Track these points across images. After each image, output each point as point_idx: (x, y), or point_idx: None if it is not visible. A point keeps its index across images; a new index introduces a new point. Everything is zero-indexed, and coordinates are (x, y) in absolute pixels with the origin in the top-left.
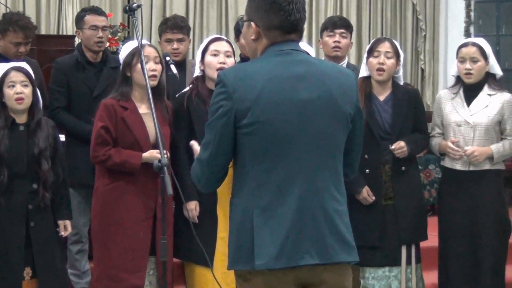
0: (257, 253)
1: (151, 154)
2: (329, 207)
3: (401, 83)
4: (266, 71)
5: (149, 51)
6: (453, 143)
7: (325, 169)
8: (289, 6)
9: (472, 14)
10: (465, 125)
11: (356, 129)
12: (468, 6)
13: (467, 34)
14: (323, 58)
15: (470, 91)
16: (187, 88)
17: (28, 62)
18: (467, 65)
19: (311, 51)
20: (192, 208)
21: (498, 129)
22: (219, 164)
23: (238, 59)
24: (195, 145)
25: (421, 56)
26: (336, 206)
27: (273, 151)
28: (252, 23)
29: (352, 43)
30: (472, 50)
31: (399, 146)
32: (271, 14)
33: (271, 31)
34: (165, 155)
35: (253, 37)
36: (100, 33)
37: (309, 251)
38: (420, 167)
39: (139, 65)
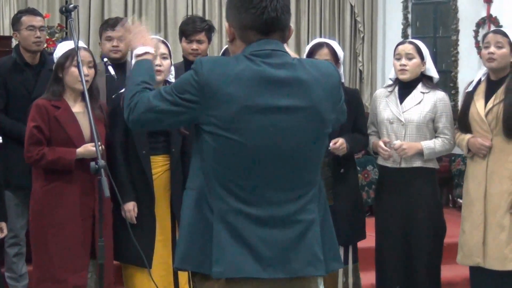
0: (216, 259)
1: (86, 149)
2: (298, 217)
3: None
4: (243, 71)
5: (83, 55)
6: (384, 143)
7: (298, 180)
8: (262, 4)
9: (409, 16)
10: (397, 122)
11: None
12: (405, 8)
13: (404, 35)
14: None
15: (404, 89)
16: (123, 89)
17: None
18: (402, 61)
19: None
20: (130, 209)
21: (431, 127)
22: (156, 122)
23: (181, 59)
24: None
25: (359, 58)
26: (305, 216)
27: (243, 159)
28: (227, 24)
29: (287, 45)
30: (408, 47)
31: (339, 144)
32: (242, 13)
33: (245, 31)
34: (100, 147)
35: (228, 38)
36: (38, 33)
37: (273, 264)
38: (358, 168)
39: (72, 69)
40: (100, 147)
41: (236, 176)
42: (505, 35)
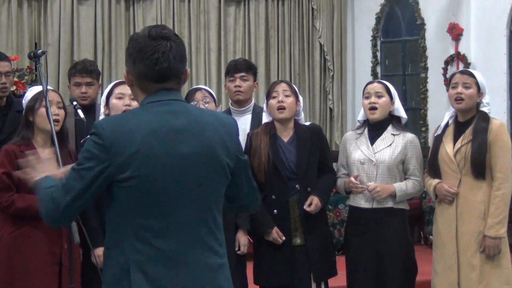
0: None
1: None
2: (208, 260)
3: (304, 124)
4: (144, 124)
5: (52, 96)
6: (355, 178)
7: (204, 223)
8: (154, 55)
9: (378, 54)
10: (368, 163)
11: (241, 178)
12: (374, 46)
13: (374, 74)
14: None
15: (374, 130)
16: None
17: None
18: (372, 99)
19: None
20: (100, 254)
21: (401, 168)
22: (75, 210)
23: None
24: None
25: (329, 96)
26: (215, 260)
27: (152, 206)
28: (124, 70)
29: (257, 84)
30: (377, 86)
31: (313, 206)
32: (137, 63)
33: (140, 79)
34: None
35: (128, 84)
36: (3, 79)
37: None
38: (330, 207)
39: (41, 110)
40: None
41: (148, 222)
42: (472, 75)
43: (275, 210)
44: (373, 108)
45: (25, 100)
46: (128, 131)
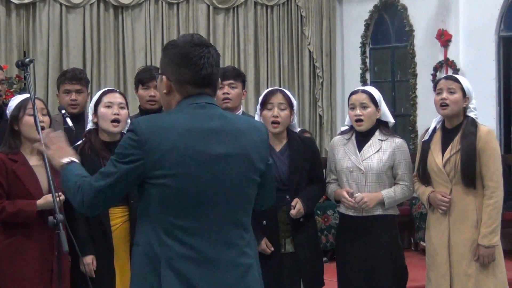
0: None
1: (46, 200)
2: (238, 261)
3: (297, 130)
4: (180, 123)
5: (36, 103)
6: (348, 192)
7: (234, 224)
8: (201, 61)
9: (367, 61)
10: (357, 171)
11: (267, 180)
12: (363, 53)
13: (363, 80)
14: None
15: (362, 137)
16: (80, 142)
17: None
18: (358, 111)
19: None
20: (89, 262)
21: (390, 174)
22: (110, 198)
23: (137, 111)
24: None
25: (319, 103)
26: (244, 260)
27: (184, 205)
28: (164, 77)
29: (245, 92)
30: (362, 96)
31: (296, 210)
32: (182, 68)
33: (183, 85)
34: (59, 198)
35: (165, 90)
36: None
37: None
38: (318, 212)
39: (26, 118)
40: (58, 198)
41: (179, 221)
42: (456, 80)
43: (264, 221)
44: (359, 120)
45: (8, 110)
46: (163, 129)
